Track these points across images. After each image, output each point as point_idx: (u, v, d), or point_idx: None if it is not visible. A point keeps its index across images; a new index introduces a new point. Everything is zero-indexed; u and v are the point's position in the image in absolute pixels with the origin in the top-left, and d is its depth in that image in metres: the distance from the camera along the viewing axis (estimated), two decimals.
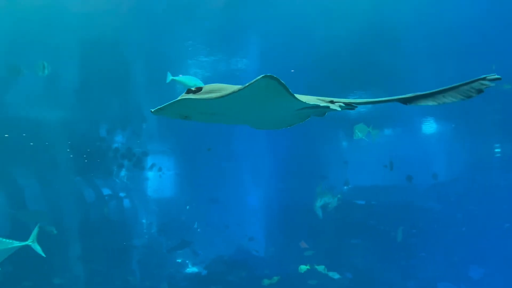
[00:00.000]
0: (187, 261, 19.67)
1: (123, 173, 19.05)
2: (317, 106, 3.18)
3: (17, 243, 7.46)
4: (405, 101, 3.11)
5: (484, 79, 2.75)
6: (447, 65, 12.15)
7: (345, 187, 19.06)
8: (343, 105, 3.30)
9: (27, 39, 10.07)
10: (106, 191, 18.79)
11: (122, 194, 19.79)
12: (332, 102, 3.28)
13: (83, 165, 16.46)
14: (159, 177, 22.61)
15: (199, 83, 8.48)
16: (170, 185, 25.39)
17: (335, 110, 3.24)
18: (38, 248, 7.67)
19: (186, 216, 21.72)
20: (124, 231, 18.11)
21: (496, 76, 2.72)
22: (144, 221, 21.24)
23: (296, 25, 10.53)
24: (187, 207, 23.52)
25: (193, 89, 2.95)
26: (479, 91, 2.78)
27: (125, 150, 17.62)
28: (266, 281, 13.27)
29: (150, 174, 22.47)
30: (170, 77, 9.08)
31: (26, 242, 7.56)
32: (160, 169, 21.31)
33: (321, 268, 12.51)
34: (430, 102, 2.97)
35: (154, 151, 20.23)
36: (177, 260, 19.76)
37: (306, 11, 10.10)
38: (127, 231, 18.35)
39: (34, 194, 15.35)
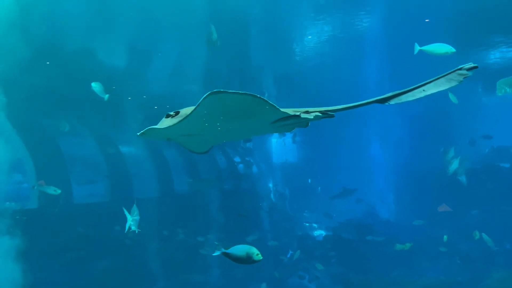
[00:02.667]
0: (314, 224, 20.16)
1: (252, 141, 19.90)
2: (289, 116, 3.08)
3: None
4: (384, 101, 3.05)
5: (461, 69, 2.72)
6: None
7: (487, 149, 17.24)
8: (320, 114, 3.22)
9: (161, 18, 11.11)
10: (237, 158, 20.02)
11: (251, 159, 20.84)
12: (307, 112, 3.20)
13: None
14: (284, 145, 23.20)
15: (450, 49, 7.87)
16: (297, 150, 25.95)
17: (308, 119, 3.16)
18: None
19: (313, 180, 22.04)
20: (255, 195, 19.22)
21: (473, 65, 2.67)
22: (270, 185, 22.19)
23: None
24: (312, 172, 23.92)
25: (172, 113, 3.07)
26: (458, 81, 2.76)
27: None
28: (398, 246, 12.95)
29: (274, 140, 23.26)
30: (417, 48, 8.45)
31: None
32: (295, 135, 21.74)
33: (476, 234, 11.93)
34: (409, 98, 2.94)
35: None
36: (305, 223, 20.40)
37: None
38: (258, 195, 19.39)
39: (176, 163, 17.13)
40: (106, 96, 9.04)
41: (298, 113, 3.10)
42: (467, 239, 13.70)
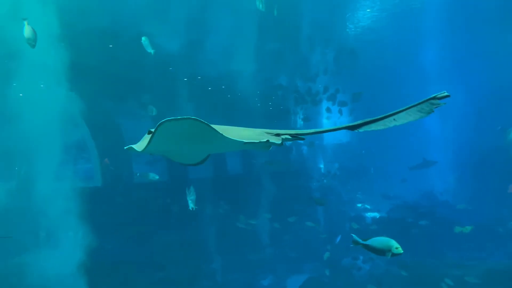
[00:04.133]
0: (367, 205, 19.85)
1: (301, 118, 19.73)
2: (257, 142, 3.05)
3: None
4: (354, 128, 2.97)
5: (434, 98, 2.64)
6: None
7: None
8: (289, 137, 3.18)
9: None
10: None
11: (301, 141, 20.68)
12: (278, 135, 3.16)
13: (269, 113, 17.70)
14: (333, 124, 22.77)
15: None
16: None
17: (275, 144, 3.11)
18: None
19: (365, 160, 21.58)
20: (305, 175, 19.15)
21: (446, 94, 2.60)
22: (322, 165, 21.99)
23: None
24: (363, 151, 23.43)
25: (152, 130, 3.02)
26: (429, 111, 2.67)
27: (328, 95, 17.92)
28: (457, 228, 12.44)
29: (326, 121, 22.92)
30: None
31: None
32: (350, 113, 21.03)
33: None
34: (380, 127, 2.84)
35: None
36: (357, 205, 20.13)
37: None
38: (309, 175, 19.32)
39: None
40: (153, 51, 9.55)
41: (265, 140, 3.13)
42: None
